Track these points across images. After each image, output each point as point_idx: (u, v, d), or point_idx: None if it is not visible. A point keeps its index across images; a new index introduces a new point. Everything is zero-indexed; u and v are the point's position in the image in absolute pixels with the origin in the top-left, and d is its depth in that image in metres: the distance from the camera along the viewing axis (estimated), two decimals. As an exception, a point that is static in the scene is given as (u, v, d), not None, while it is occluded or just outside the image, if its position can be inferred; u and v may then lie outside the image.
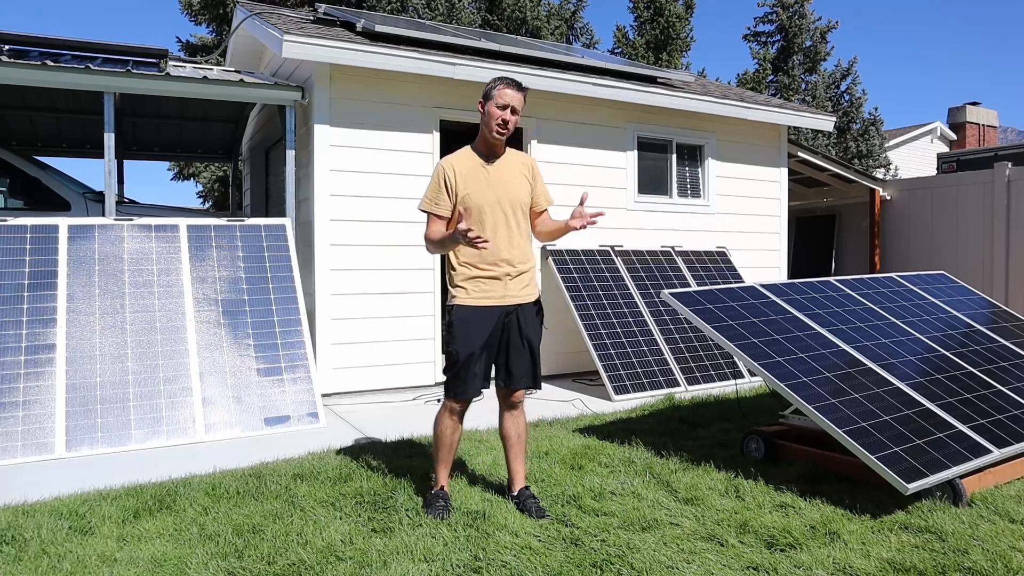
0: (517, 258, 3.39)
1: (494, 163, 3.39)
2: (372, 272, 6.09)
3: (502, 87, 3.31)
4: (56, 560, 2.87)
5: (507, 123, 3.31)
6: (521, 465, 3.50)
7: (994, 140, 21.20)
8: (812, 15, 19.46)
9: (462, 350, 3.30)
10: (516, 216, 3.39)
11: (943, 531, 3.11)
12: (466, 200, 3.32)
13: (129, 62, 6.04)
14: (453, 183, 3.33)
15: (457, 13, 14.97)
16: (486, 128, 3.34)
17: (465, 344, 3.30)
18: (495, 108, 3.30)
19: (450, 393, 3.37)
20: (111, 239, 5.34)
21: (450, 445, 3.44)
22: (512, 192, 3.38)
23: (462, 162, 3.38)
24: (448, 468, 3.49)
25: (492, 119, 3.31)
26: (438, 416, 3.45)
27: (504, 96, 3.30)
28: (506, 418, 3.47)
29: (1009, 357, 4.87)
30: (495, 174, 3.38)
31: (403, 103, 6.22)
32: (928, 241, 10.11)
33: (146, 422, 4.64)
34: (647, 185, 7.66)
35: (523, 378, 3.39)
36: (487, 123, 3.33)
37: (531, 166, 3.51)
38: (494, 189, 3.35)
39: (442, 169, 3.36)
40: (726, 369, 6.77)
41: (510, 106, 3.30)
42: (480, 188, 3.33)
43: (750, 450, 4.26)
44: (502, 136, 3.34)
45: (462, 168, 3.36)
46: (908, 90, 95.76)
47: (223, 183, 16.45)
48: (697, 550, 2.95)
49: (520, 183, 3.42)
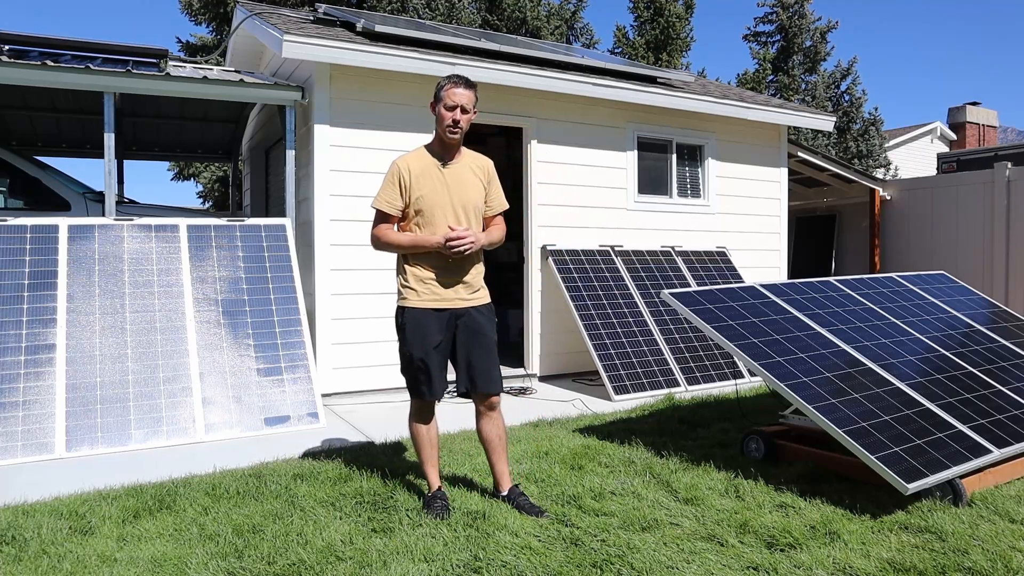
0: (468, 262, 3.36)
1: (449, 164, 3.37)
2: (372, 272, 6.09)
3: (450, 87, 3.28)
4: (56, 560, 2.87)
5: (458, 123, 3.28)
6: (505, 465, 3.50)
7: (994, 140, 21.20)
8: (812, 15, 19.46)
9: (416, 352, 3.31)
10: (468, 219, 3.36)
11: (943, 531, 3.11)
12: (419, 201, 3.30)
13: (129, 62, 6.04)
14: (407, 183, 3.31)
15: (457, 13, 14.97)
16: (439, 128, 3.32)
17: (419, 346, 3.31)
18: (444, 110, 3.28)
19: (414, 394, 3.40)
20: (111, 239, 5.34)
21: (430, 442, 3.45)
22: (466, 194, 3.36)
23: (416, 162, 3.35)
24: (436, 467, 3.48)
25: (443, 121, 3.28)
26: (409, 420, 3.48)
27: (453, 96, 3.27)
28: (483, 422, 3.46)
29: (1009, 357, 4.87)
30: (449, 176, 3.35)
31: (403, 103, 6.22)
32: (928, 241, 10.11)
33: (146, 422, 4.64)
34: (647, 185, 7.66)
35: (487, 383, 3.37)
36: (439, 124, 3.31)
37: (486, 168, 3.48)
38: (448, 191, 3.33)
39: (397, 168, 3.33)
40: (726, 369, 6.77)
41: (459, 106, 3.27)
42: (434, 189, 3.31)
43: (750, 450, 4.26)
44: (455, 137, 3.31)
45: (416, 168, 3.33)
46: (908, 90, 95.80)
47: (223, 183, 16.45)
48: (697, 550, 2.95)
49: (474, 185, 3.40)
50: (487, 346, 3.38)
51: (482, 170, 3.45)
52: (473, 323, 3.36)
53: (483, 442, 3.49)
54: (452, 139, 3.32)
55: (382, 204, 3.35)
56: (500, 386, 3.41)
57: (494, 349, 3.41)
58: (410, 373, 3.37)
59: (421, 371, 3.33)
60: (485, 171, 3.46)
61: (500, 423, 3.48)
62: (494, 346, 3.41)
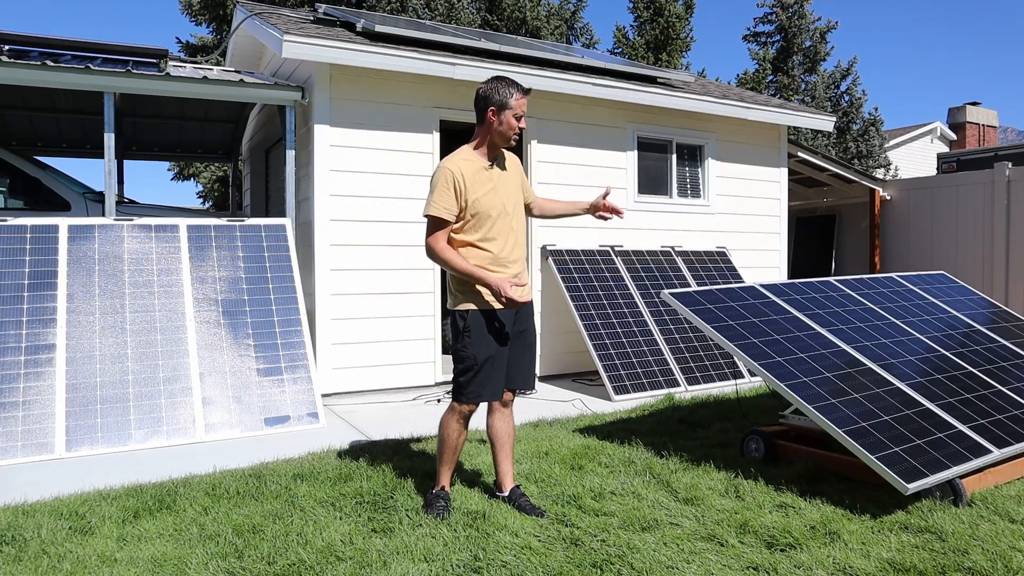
0: (521, 259, 3.43)
1: (495, 166, 3.39)
2: (372, 272, 6.09)
3: (520, 97, 3.29)
4: (56, 560, 2.87)
5: (521, 132, 3.38)
6: (509, 465, 3.50)
7: (994, 140, 21.21)
8: (812, 15, 19.46)
9: (481, 354, 3.26)
10: (519, 218, 3.42)
11: (943, 531, 3.11)
12: (475, 205, 3.26)
13: (129, 62, 6.04)
14: (462, 188, 3.25)
15: (457, 13, 14.97)
16: (500, 137, 3.32)
17: (484, 348, 3.26)
18: (514, 119, 3.30)
19: (463, 397, 3.31)
20: (111, 239, 5.34)
21: (455, 448, 3.42)
22: (512, 194, 3.41)
23: (467, 166, 3.30)
24: (451, 471, 3.48)
25: (511, 130, 3.31)
26: (445, 419, 3.41)
27: (523, 107, 3.32)
28: (497, 417, 3.46)
29: (1009, 357, 4.87)
30: (497, 178, 3.37)
31: (403, 103, 6.22)
32: (928, 241, 10.11)
33: (146, 422, 4.64)
34: (647, 185, 7.67)
35: (526, 378, 3.42)
36: (503, 132, 3.31)
37: (518, 164, 3.56)
38: (499, 193, 3.34)
39: (450, 173, 3.24)
40: (726, 369, 6.77)
41: (524, 115, 3.36)
42: (487, 193, 3.31)
43: (750, 450, 4.26)
44: (514, 143, 3.39)
45: (468, 171, 3.29)
46: (908, 90, 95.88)
47: (223, 183, 16.45)
48: (697, 550, 2.95)
49: (516, 184, 3.46)
50: (533, 344, 3.49)
51: (516, 166, 3.52)
52: (526, 322, 3.43)
53: (492, 438, 3.48)
54: (508, 146, 3.40)
55: (439, 210, 3.22)
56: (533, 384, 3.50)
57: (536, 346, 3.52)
58: (470, 375, 3.29)
59: (485, 372, 3.28)
60: (518, 167, 3.54)
61: (512, 421, 3.51)
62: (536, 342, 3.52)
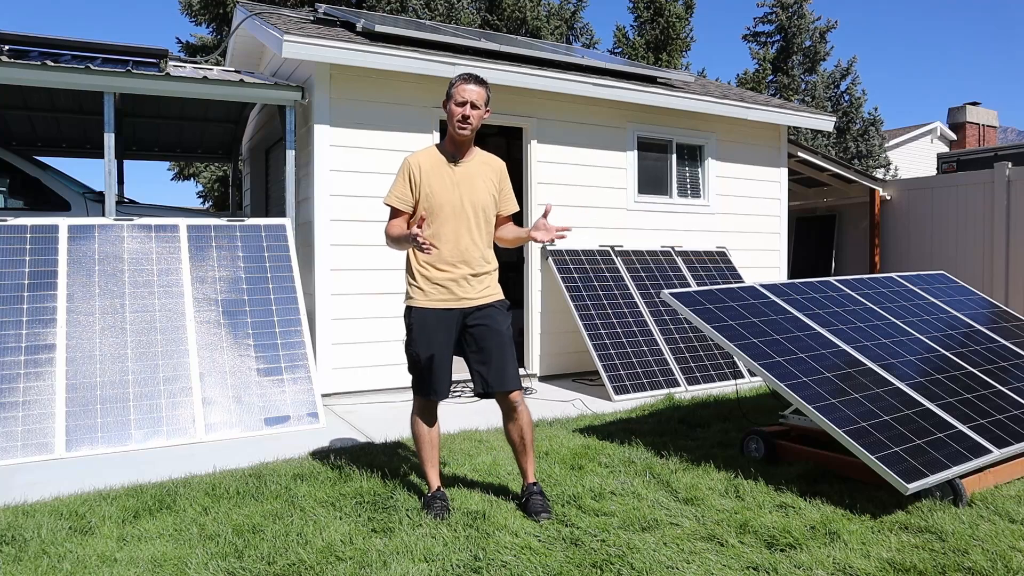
0: (476, 260, 3.36)
1: (460, 163, 3.38)
2: (372, 272, 6.09)
3: (460, 83, 3.30)
4: (56, 560, 2.87)
5: (468, 118, 3.29)
6: (528, 463, 3.45)
7: (994, 140, 21.22)
8: (811, 15, 19.46)
9: (423, 352, 3.33)
10: (478, 218, 3.36)
11: (943, 531, 3.11)
12: (428, 199, 3.31)
13: (129, 62, 6.04)
14: (417, 180, 3.33)
15: (457, 13, 14.97)
16: (450, 126, 3.34)
17: (425, 346, 3.33)
18: (455, 106, 3.30)
19: (417, 393, 3.42)
20: (111, 239, 5.34)
21: (431, 442, 3.45)
22: (475, 193, 3.36)
23: (427, 158, 3.37)
24: (436, 467, 3.47)
25: (453, 116, 3.30)
26: (411, 418, 3.48)
27: (463, 92, 3.28)
28: (506, 422, 3.44)
29: (1009, 357, 4.87)
30: (459, 174, 3.36)
31: (403, 103, 6.22)
32: (928, 241, 10.11)
33: (146, 422, 4.64)
34: (647, 185, 7.66)
35: (500, 381, 3.31)
36: (449, 121, 3.33)
37: (498, 170, 3.48)
38: (457, 189, 3.33)
39: (407, 164, 3.36)
40: (726, 369, 6.77)
41: (469, 102, 3.28)
42: (443, 187, 3.32)
43: (750, 450, 4.26)
44: (465, 132, 3.31)
45: (426, 164, 3.35)
46: (908, 90, 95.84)
47: (223, 183, 16.45)
48: (697, 550, 2.95)
49: (484, 185, 3.40)
50: (498, 342, 3.33)
51: (494, 171, 3.45)
52: (484, 321, 3.35)
53: (509, 443, 3.48)
54: (462, 135, 3.32)
55: (392, 199, 3.37)
56: (516, 383, 3.34)
57: (507, 345, 3.36)
58: (415, 372, 3.39)
59: (426, 370, 3.34)
60: (497, 172, 3.46)
61: (522, 422, 3.40)
62: (507, 342, 3.36)
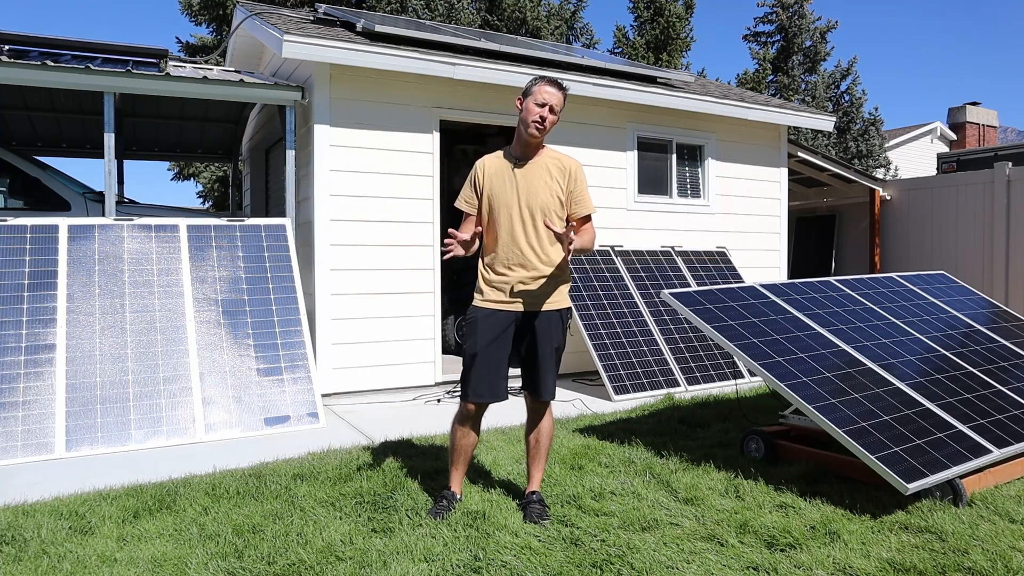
0: (534, 263, 3.30)
1: (524, 165, 3.33)
2: (372, 272, 6.09)
3: (542, 84, 3.28)
4: (56, 560, 2.87)
5: (544, 120, 3.24)
6: (536, 469, 3.46)
7: (994, 140, 21.22)
8: (812, 15, 19.46)
9: (469, 351, 3.32)
10: (535, 220, 3.29)
11: (943, 531, 3.11)
12: (490, 200, 3.33)
13: (129, 62, 6.04)
14: (481, 181, 3.36)
15: (457, 13, 14.97)
16: (523, 125, 3.28)
17: (473, 345, 3.31)
18: (534, 105, 3.24)
19: (461, 394, 3.38)
20: (111, 239, 5.34)
21: (461, 450, 3.41)
22: (536, 195, 3.29)
23: (493, 161, 3.39)
24: (460, 474, 3.45)
25: (530, 115, 3.24)
26: (452, 420, 3.46)
27: (543, 94, 3.24)
28: (529, 424, 3.48)
29: (1009, 357, 4.87)
30: (522, 176, 3.31)
31: (403, 103, 6.22)
32: (928, 241, 10.11)
33: (146, 422, 4.64)
34: (647, 185, 7.66)
35: (536, 390, 3.38)
36: (524, 119, 3.27)
37: (568, 170, 3.34)
38: (517, 191, 3.29)
39: (475, 167, 3.41)
40: (726, 369, 6.77)
41: (548, 104, 3.24)
42: (503, 189, 3.31)
43: (750, 450, 4.26)
44: (539, 134, 3.26)
45: (491, 167, 3.37)
46: (908, 90, 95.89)
47: (223, 183, 16.45)
48: (697, 550, 2.95)
49: (547, 186, 3.30)
50: (543, 354, 3.34)
51: (562, 171, 3.35)
52: (537, 328, 3.34)
53: (524, 442, 3.53)
54: (535, 137, 3.27)
55: (460, 202, 3.43)
56: (550, 396, 3.39)
57: (551, 358, 3.35)
58: (467, 370, 3.34)
59: (468, 368, 3.31)
60: (565, 172, 3.35)
61: (542, 429, 3.43)
62: (551, 355, 3.36)
